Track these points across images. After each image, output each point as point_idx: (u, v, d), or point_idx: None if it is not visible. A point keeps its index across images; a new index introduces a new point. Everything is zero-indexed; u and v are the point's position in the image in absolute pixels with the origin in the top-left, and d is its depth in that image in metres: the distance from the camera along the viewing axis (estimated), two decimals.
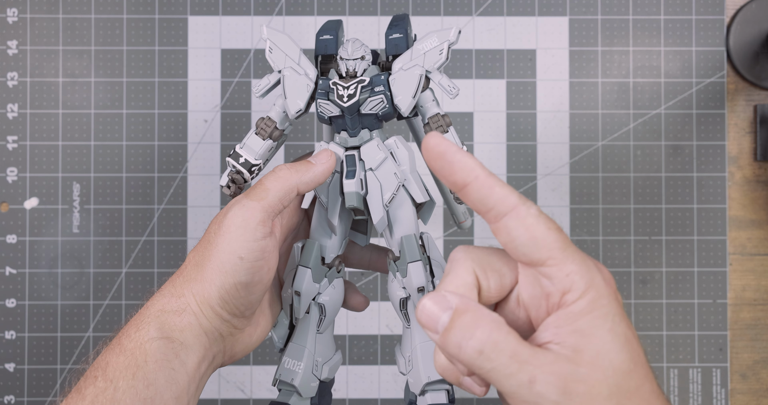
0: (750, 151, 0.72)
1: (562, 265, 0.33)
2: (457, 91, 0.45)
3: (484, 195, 0.33)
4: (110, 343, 0.42)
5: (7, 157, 0.72)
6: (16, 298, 0.71)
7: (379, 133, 0.45)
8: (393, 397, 0.71)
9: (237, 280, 0.42)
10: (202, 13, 0.73)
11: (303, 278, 0.46)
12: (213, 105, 0.73)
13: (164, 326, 0.41)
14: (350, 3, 0.73)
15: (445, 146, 0.33)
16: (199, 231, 0.72)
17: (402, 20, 0.46)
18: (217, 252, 0.42)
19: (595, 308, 0.32)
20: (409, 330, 0.47)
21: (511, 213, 0.33)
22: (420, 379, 0.45)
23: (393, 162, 0.45)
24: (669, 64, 0.73)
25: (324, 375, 0.48)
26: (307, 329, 0.47)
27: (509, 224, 0.33)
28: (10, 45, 0.72)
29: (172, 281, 0.43)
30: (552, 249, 0.33)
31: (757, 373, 0.71)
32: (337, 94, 0.44)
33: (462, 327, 0.31)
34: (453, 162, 0.33)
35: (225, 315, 0.42)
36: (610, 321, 0.32)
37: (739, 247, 0.72)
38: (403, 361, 0.47)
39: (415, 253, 0.45)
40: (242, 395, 0.71)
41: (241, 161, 0.46)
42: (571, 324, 0.32)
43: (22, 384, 0.71)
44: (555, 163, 0.72)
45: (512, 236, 0.33)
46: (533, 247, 0.33)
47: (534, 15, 0.73)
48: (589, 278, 0.33)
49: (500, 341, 0.31)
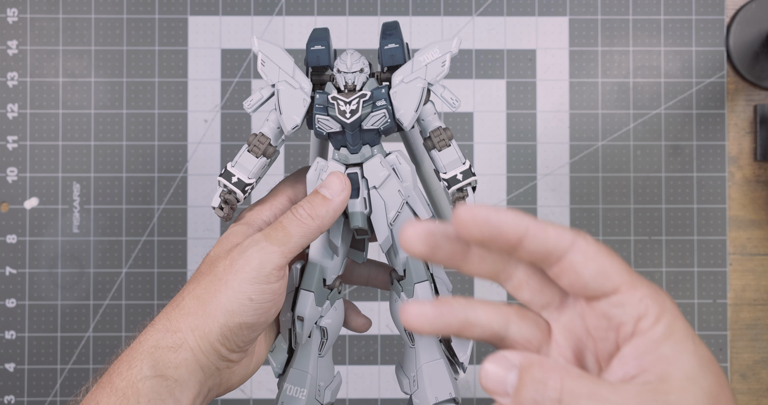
0: (750, 151, 0.72)
1: (634, 291, 0.31)
2: (459, 104, 0.43)
3: (540, 241, 0.31)
4: (100, 381, 0.40)
5: (7, 157, 0.72)
6: (16, 298, 0.71)
7: (380, 148, 0.44)
8: (393, 397, 0.71)
9: (243, 321, 0.40)
10: (202, 13, 0.73)
11: (306, 303, 0.44)
12: (213, 105, 0.73)
13: (158, 363, 0.39)
14: (350, 3, 0.73)
15: (485, 211, 0.30)
16: (199, 231, 0.72)
17: (395, 29, 0.44)
18: (225, 289, 0.40)
19: (674, 332, 0.31)
20: (413, 350, 0.46)
21: (572, 249, 0.31)
22: (427, 400, 0.44)
23: (396, 179, 0.43)
24: (669, 64, 0.73)
25: (326, 399, 0.46)
26: (309, 354, 0.46)
27: (574, 260, 0.31)
28: (10, 45, 0.72)
29: (166, 314, 0.41)
30: (622, 274, 0.31)
31: (757, 373, 0.71)
32: (338, 109, 0.42)
33: (533, 381, 0.29)
34: (500, 223, 0.30)
35: (223, 351, 0.41)
36: (691, 343, 0.31)
37: (739, 247, 0.72)
38: (407, 382, 0.46)
39: (422, 274, 0.44)
40: (242, 395, 0.72)
41: (234, 181, 0.44)
42: (654, 351, 0.30)
43: (22, 384, 0.71)
44: (555, 163, 0.72)
45: (579, 272, 0.31)
46: (603, 277, 0.31)
47: (534, 15, 0.73)
48: (661, 302, 0.31)
49: (576, 385, 0.29)
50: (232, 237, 0.43)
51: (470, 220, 0.30)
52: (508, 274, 0.34)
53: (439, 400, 0.44)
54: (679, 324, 0.31)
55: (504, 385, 0.30)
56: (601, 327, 0.32)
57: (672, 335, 0.31)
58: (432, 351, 0.45)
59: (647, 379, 0.30)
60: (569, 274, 0.31)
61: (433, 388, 0.44)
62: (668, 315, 0.31)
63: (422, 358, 0.45)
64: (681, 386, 0.29)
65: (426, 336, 0.45)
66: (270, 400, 0.71)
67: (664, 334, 0.30)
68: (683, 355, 0.30)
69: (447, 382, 0.45)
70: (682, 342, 0.31)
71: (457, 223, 0.31)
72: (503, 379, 0.30)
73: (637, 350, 0.30)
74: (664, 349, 0.30)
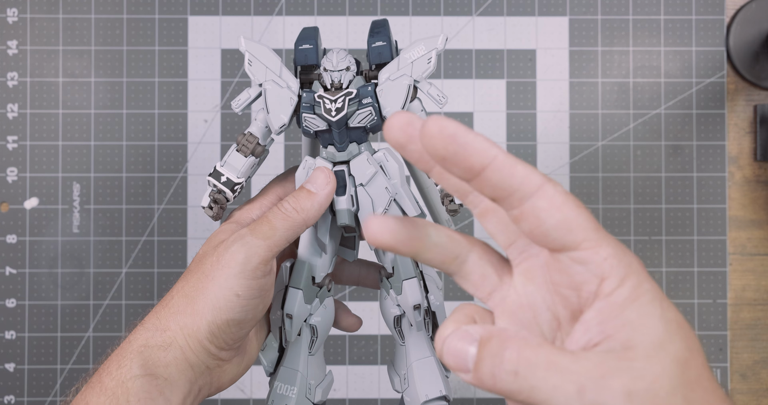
0: (750, 151, 0.72)
1: (598, 248, 0.29)
2: (446, 101, 0.43)
3: (505, 176, 0.28)
4: (90, 381, 0.40)
5: (7, 157, 0.72)
6: (16, 298, 0.71)
7: (367, 146, 0.44)
8: (393, 397, 0.71)
9: (230, 317, 0.40)
10: (202, 13, 0.73)
11: (294, 300, 0.44)
12: (213, 105, 0.73)
13: (148, 362, 0.39)
14: (350, 3, 0.73)
15: (454, 127, 0.27)
16: (199, 231, 0.72)
17: (383, 27, 0.44)
18: (212, 286, 0.40)
19: (639, 295, 0.28)
20: (404, 348, 0.46)
21: (537, 193, 0.28)
22: (417, 397, 0.44)
23: (384, 176, 0.43)
24: (669, 64, 0.73)
25: (317, 398, 0.46)
26: (299, 352, 0.46)
27: (537, 204, 0.28)
28: (10, 45, 0.72)
29: (156, 313, 0.41)
30: (586, 229, 0.29)
31: (757, 373, 0.71)
32: (324, 108, 0.42)
33: (490, 355, 0.28)
34: (466, 143, 0.28)
35: (212, 349, 0.41)
36: (658, 307, 0.28)
37: (739, 247, 0.72)
38: (398, 380, 0.46)
39: (410, 270, 0.44)
40: (242, 395, 0.72)
41: (222, 180, 0.44)
42: (618, 316, 0.28)
43: (22, 384, 0.71)
44: (555, 163, 0.72)
45: (541, 219, 0.29)
46: (566, 228, 0.29)
47: (534, 15, 0.73)
48: (627, 262, 0.29)
49: (533, 355, 0.27)
50: (220, 235, 0.43)
51: (437, 133, 0.27)
52: (477, 197, 0.32)
53: (430, 397, 0.44)
54: (646, 286, 0.29)
55: (465, 360, 0.28)
56: (563, 283, 0.30)
57: (638, 298, 0.28)
58: (422, 348, 0.45)
59: (611, 346, 0.28)
60: (530, 219, 0.29)
61: (423, 386, 0.44)
62: (634, 277, 0.29)
63: (412, 355, 0.45)
64: (647, 354, 0.27)
65: (415, 334, 0.45)
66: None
67: (629, 298, 0.28)
68: (649, 320, 0.28)
69: (437, 380, 0.45)
70: (649, 305, 0.28)
71: (423, 133, 0.28)
72: (464, 354, 0.28)
73: (601, 315, 0.28)
74: (629, 313, 0.28)
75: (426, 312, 0.45)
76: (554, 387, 0.27)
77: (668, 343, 0.28)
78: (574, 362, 0.27)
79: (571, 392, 0.27)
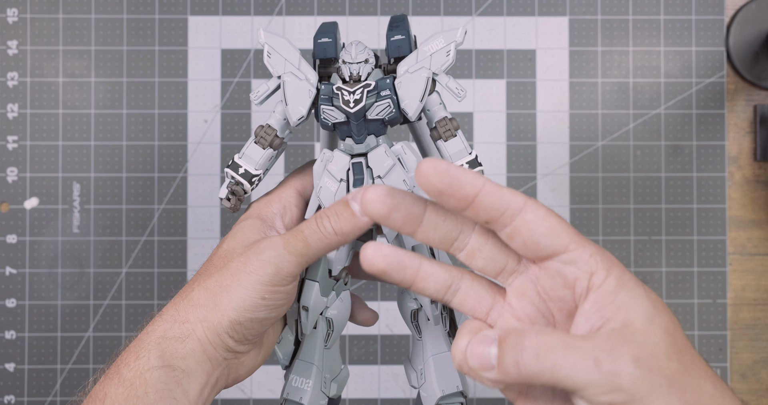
0: (750, 151, 0.72)
1: (583, 248, 0.34)
2: (465, 94, 0.43)
3: (495, 198, 0.34)
4: (108, 372, 0.40)
5: (7, 157, 0.72)
6: (16, 298, 0.71)
7: (385, 138, 0.44)
8: (393, 397, 0.72)
9: (254, 316, 0.41)
10: (202, 13, 0.73)
11: (311, 293, 0.44)
12: (213, 105, 0.73)
13: (165, 354, 0.40)
14: (350, 3, 0.73)
15: (446, 164, 0.33)
16: (199, 231, 0.72)
17: (402, 21, 0.44)
18: (238, 287, 0.40)
19: (625, 281, 0.34)
20: (420, 342, 0.46)
21: (524, 208, 0.34)
22: (434, 393, 0.44)
23: (401, 169, 0.43)
24: (669, 64, 0.73)
25: (333, 392, 0.46)
26: (315, 345, 0.46)
27: (526, 218, 0.34)
28: (10, 45, 0.72)
29: (174, 304, 0.42)
30: (570, 234, 0.34)
31: (757, 373, 0.71)
32: (342, 99, 0.42)
33: (511, 346, 0.32)
34: (458, 176, 0.33)
35: (231, 343, 0.41)
36: (642, 290, 0.34)
37: (739, 247, 0.72)
38: (414, 375, 0.46)
39: None
40: (242, 395, 0.72)
41: (240, 172, 0.44)
42: (612, 302, 0.33)
43: (22, 384, 0.71)
44: (555, 163, 0.72)
45: (532, 230, 0.34)
46: (554, 234, 0.34)
47: (534, 15, 0.73)
48: (608, 258, 0.34)
49: (549, 339, 0.32)
50: (246, 231, 0.43)
51: (431, 170, 0.33)
52: (462, 242, 0.36)
53: (446, 393, 0.44)
54: (628, 275, 0.34)
55: (489, 359, 0.32)
56: (556, 286, 0.35)
57: (624, 285, 0.33)
58: (439, 343, 0.45)
59: (612, 326, 0.33)
60: (522, 232, 0.34)
61: (440, 381, 0.44)
62: (617, 268, 0.34)
63: (429, 350, 0.45)
64: (643, 327, 0.32)
65: (432, 328, 0.46)
66: (270, 400, 0.71)
67: (617, 285, 0.33)
68: (639, 300, 0.33)
69: (454, 375, 0.45)
70: (635, 290, 0.34)
71: (419, 172, 0.33)
72: (487, 354, 0.33)
73: (597, 303, 0.33)
74: (621, 298, 0.33)
75: (443, 306, 0.45)
76: (573, 363, 0.31)
77: (657, 318, 0.33)
78: (586, 341, 0.32)
79: (589, 365, 0.31)
